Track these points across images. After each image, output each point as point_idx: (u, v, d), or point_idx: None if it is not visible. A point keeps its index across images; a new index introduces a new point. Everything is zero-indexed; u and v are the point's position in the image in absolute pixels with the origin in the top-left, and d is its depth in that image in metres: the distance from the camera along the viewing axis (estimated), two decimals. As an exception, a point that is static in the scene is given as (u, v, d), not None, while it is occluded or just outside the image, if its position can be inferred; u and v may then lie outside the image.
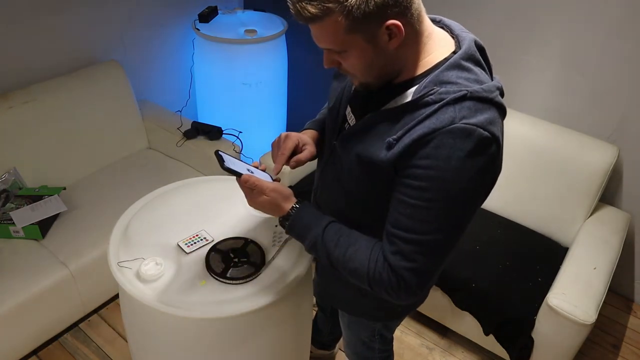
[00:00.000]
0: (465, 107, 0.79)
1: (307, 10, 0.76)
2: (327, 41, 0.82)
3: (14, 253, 1.83)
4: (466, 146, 0.79)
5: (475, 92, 0.81)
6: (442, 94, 0.81)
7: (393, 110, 0.87)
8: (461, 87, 0.81)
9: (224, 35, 2.42)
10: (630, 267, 2.26)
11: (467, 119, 0.79)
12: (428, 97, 0.81)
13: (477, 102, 0.80)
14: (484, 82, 0.84)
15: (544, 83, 2.14)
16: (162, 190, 1.51)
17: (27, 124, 2.02)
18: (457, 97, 0.80)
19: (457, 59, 0.85)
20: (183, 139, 2.34)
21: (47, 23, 2.11)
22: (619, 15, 1.86)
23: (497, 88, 0.85)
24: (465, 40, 0.88)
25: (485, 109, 0.81)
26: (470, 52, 0.86)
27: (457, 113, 0.79)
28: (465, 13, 2.19)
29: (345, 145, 0.95)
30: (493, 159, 0.82)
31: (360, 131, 0.92)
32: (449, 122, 0.79)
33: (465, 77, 0.83)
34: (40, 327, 1.82)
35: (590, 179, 1.95)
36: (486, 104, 0.82)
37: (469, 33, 0.91)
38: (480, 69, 0.87)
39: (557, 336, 1.68)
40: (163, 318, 1.17)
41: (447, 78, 0.83)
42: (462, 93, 0.80)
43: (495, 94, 0.84)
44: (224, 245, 1.30)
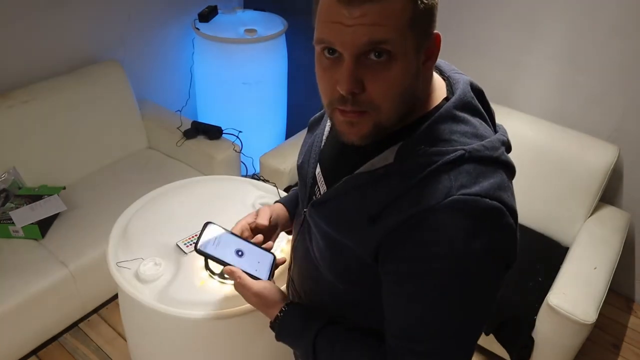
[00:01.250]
0: (463, 172, 0.62)
1: None
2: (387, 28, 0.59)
3: (13, 253, 1.82)
4: (469, 225, 0.60)
5: (474, 151, 0.63)
6: (433, 155, 0.63)
7: (371, 174, 0.68)
8: (456, 145, 0.64)
9: (224, 34, 2.42)
10: (630, 267, 2.25)
11: (467, 188, 0.61)
12: (415, 159, 0.64)
13: (479, 164, 0.63)
14: (485, 136, 0.67)
15: (544, 83, 2.14)
16: (162, 190, 1.51)
17: (27, 123, 2.02)
18: (452, 160, 0.62)
19: (449, 108, 0.67)
20: (183, 139, 2.34)
21: (47, 23, 2.11)
22: (619, 15, 1.85)
23: (501, 143, 0.68)
24: (458, 83, 0.71)
25: (489, 172, 0.63)
26: (466, 98, 0.69)
27: (454, 181, 0.61)
28: (465, 13, 2.19)
29: (314, 218, 0.76)
30: (509, 231, 0.64)
31: (330, 200, 0.73)
32: (444, 195, 0.61)
33: (460, 132, 0.66)
34: (40, 326, 1.82)
35: (591, 178, 1.95)
36: (490, 166, 0.64)
37: (463, 74, 0.74)
38: (478, 119, 0.70)
39: (558, 336, 1.67)
40: (162, 318, 1.17)
41: (439, 134, 0.65)
42: (459, 154, 0.62)
43: (501, 151, 0.67)
44: (223, 245, 1.30)
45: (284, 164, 2.22)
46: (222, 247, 0.88)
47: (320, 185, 0.80)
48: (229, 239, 0.89)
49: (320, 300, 0.85)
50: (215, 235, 0.89)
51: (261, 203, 1.45)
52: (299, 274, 0.89)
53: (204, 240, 0.88)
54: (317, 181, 0.82)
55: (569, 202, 2.00)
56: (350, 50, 0.60)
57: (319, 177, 0.81)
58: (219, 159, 2.27)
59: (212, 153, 2.27)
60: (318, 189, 0.81)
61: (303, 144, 0.90)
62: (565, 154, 1.98)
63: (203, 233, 0.88)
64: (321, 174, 0.81)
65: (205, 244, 0.87)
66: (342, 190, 0.72)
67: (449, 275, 0.62)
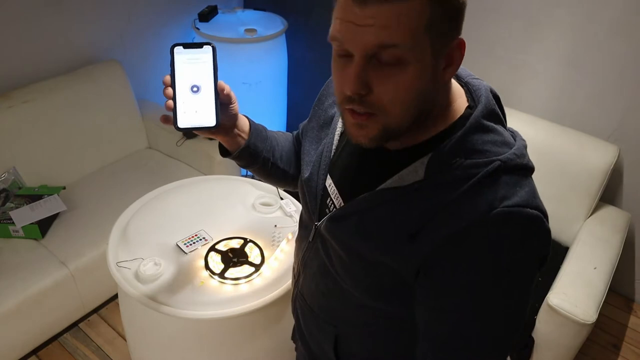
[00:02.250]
0: (502, 183, 0.62)
1: None
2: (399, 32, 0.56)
3: (13, 253, 1.82)
4: (515, 235, 0.61)
5: (509, 160, 0.63)
6: (470, 167, 0.62)
7: (400, 190, 0.66)
8: (490, 155, 0.63)
9: (224, 34, 2.42)
10: (630, 267, 2.25)
11: (509, 199, 0.61)
12: (451, 172, 0.62)
13: (513, 173, 0.63)
14: (512, 144, 0.67)
15: (544, 83, 2.14)
16: (162, 190, 1.51)
17: (26, 123, 2.02)
18: (490, 172, 0.62)
19: (478, 118, 0.65)
20: (183, 139, 2.34)
21: (47, 23, 2.11)
22: (619, 15, 1.85)
23: (525, 147, 0.69)
24: (480, 90, 0.69)
25: (523, 181, 0.64)
26: (491, 106, 0.68)
27: (495, 194, 0.61)
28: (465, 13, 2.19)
29: (334, 233, 0.73)
30: (547, 236, 0.65)
31: (354, 215, 0.70)
32: (488, 209, 0.60)
33: (491, 141, 0.65)
34: (40, 326, 1.82)
35: (591, 178, 1.95)
36: (522, 173, 0.65)
37: (481, 80, 0.72)
38: (501, 126, 0.69)
39: (558, 336, 1.67)
40: (162, 318, 1.17)
41: (472, 145, 0.64)
42: (495, 165, 0.62)
43: (527, 157, 0.68)
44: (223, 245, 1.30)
45: (284, 164, 2.22)
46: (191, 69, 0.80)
47: (334, 198, 0.77)
48: (205, 71, 0.81)
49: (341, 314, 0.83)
50: (199, 57, 0.81)
51: (261, 203, 1.45)
52: (314, 290, 0.86)
53: (186, 49, 0.80)
54: (328, 193, 0.78)
55: (569, 201, 2.00)
56: (359, 51, 0.58)
57: (332, 189, 0.78)
58: (219, 159, 2.26)
59: (212, 153, 2.27)
60: (331, 201, 0.78)
61: (305, 153, 0.86)
62: (565, 154, 1.98)
63: (196, 45, 0.81)
64: (334, 186, 0.78)
65: (183, 50, 0.80)
66: (367, 205, 0.69)
67: (498, 286, 0.62)
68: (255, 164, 0.91)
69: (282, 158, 0.95)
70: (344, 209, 0.72)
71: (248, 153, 0.89)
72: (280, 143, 0.96)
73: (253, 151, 0.89)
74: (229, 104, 0.85)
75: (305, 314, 0.91)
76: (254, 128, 0.90)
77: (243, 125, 0.89)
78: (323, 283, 0.82)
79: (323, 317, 0.86)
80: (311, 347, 0.94)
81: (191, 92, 0.80)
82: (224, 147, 0.89)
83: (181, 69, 0.80)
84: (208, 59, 0.81)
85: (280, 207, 1.46)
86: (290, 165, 0.96)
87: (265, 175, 0.95)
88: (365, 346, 0.84)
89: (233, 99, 0.85)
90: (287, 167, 0.95)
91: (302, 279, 0.89)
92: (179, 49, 0.80)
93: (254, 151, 0.89)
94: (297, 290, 0.93)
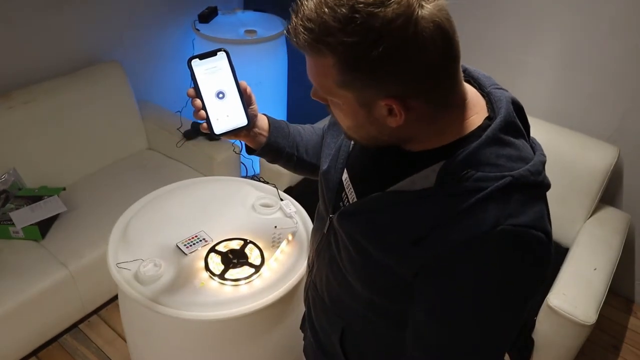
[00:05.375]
0: (511, 200, 0.61)
1: (300, 37, 0.60)
2: (315, 81, 0.65)
3: (13, 254, 1.82)
4: (517, 255, 0.61)
5: (521, 177, 0.62)
6: (480, 180, 0.61)
7: (410, 194, 0.66)
8: (503, 170, 0.62)
9: (224, 35, 2.42)
10: (630, 268, 2.25)
11: (515, 218, 0.60)
12: (460, 184, 0.62)
13: (525, 191, 0.62)
14: (529, 159, 0.65)
15: (544, 83, 2.14)
16: (162, 191, 1.51)
17: (27, 124, 2.02)
18: (500, 187, 0.61)
19: (495, 131, 0.64)
20: (183, 140, 2.34)
21: (47, 23, 2.11)
22: (619, 15, 1.85)
23: (542, 164, 0.67)
24: (501, 101, 0.68)
25: (534, 200, 0.64)
26: (510, 119, 0.66)
27: (502, 211, 0.60)
28: (465, 13, 2.19)
29: (344, 227, 0.75)
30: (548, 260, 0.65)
31: (364, 212, 0.72)
32: (493, 225, 0.60)
33: (506, 156, 0.64)
34: (40, 327, 1.82)
35: (591, 179, 1.95)
36: (535, 192, 0.64)
37: (504, 90, 0.71)
38: (522, 140, 0.68)
39: (558, 337, 1.67)
40: (162, 319, 1.17)
41: (485, 158, 0.63)
42: (507, 181, 0.61)
43: (543, 175, 0.66)
44: (223, 246, 1.30)
45: (284, 165, 2.22)
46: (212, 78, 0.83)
47: (348, 192, 0.79)
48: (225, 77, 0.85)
49: (348, 307, 0.84)
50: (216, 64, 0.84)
51: (261, 204, 1.46)
52: (325, 281, 0.88)
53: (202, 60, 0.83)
54: (344, 187, 0.80)
55: (568, 202, 2.00)
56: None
57: (347, 184, 0.79)
58: (219, 159, 2.27)
59: (212, 154, 2.27)
60: (346, 195, 0.79)
61: (325, 146, 0.88)
62: (565, 155, 1.98)
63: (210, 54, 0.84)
64: (349, 180, 0.79)
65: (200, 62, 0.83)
66: (377, 205, 0.70)
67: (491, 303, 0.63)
68: (280, 159, 0.98)
69: (308, 152, 1.00)
70: (354, 206, 0.75)
71: (270, 150, 0.95)
72: (305, 138, 1.01)
73: (275, 148, 0.95)
74: (249, 105, 0.90)
75: (316, 304, 0.93)
76: (274, 126, 0.96)
77: (263, 124, 0.94)
78: (332, 274, 0.84)
79: (332, 308, 0.88)
80: (319, 337, 0.96)
81: (217, 99, 0.84)
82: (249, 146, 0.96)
83: (203, 80, 0.83)
84: (225, 65, 0.85)
85: (280, 208, 1.46)
86: (317, 158, 0.99)
87: (293, 168, 1.02)
88: (370, 342, 0.85)
89: (253, 100, 0.91)
90: (314, 160, 1.00)
91: (316, 269, 0.92)
92: (196, 61, 0.83)
93: (275, 148, 0.95)
94: (310, 279, 0.96)
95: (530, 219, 0.61)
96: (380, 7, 0.55)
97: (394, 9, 0.54)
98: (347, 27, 0.56)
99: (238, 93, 0.86)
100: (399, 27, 0.54)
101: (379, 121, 0.63)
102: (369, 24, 0.55)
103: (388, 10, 0.54)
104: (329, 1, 0.57)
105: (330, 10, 0.56)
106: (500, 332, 0.66)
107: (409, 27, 0.55)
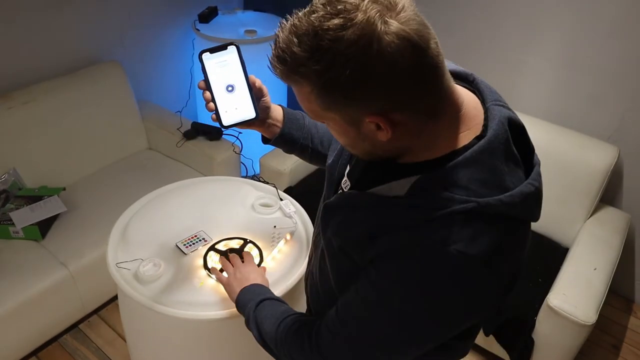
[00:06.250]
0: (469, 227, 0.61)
1: (277, 70, 0.63)
2: (303, 107, 0.67)
3: (13, 254, 1.83)
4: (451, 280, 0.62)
5: (489, 206, 0.61)
6: (446, 200, 0.61)
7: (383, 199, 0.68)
8: (471, 195, 0.61)
9: (224, 35, 2.42)
10: (630, 268, 2.25)
11: (464, 246, 0.60)
12: (426, 200, 0.63)
13: (487, 222, 0.61)
14: (509, 188, 0.63)
15: (544, 83, 2.14)
16: (162, 191, 1.51)
17: (27, 124, 2.02)
18: (461, 211, 0.60)
19: (476, 153, 0.62)
20: (183, 140, 2.34)
21: (47, 23, 2.11)
22: (619, 15, 1.85)
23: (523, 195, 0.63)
24: (493, 121, 0.65)
25: (494, 231, 0.62)
26: (497, 142, 0.64)
27: (456, 234, 0.60)
28: (465, 13, 2.19)
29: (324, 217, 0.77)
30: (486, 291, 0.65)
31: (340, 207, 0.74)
32: (442, 243, 0.61)
33: (480, 180, 0.62)
34: (40, 327, 1.82)
35: (591, 179, 1.95)
36: (500, 223, 0.62)
37: (504, 107, 0.68)
38: (512, 164, 0.66)
39: (558, 337, 1.67)
40: (162, 319, 1.17)
41: (456, 179, 0.62)
42: (469, 206, 0.60)
43: (518, 210, 0.63)
44: (223, 245, 1.30)
45: (284, 165, 2.22)
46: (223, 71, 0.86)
47: (344, 187, 0.82)
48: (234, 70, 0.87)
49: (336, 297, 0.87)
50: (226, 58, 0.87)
51: (261, 204, 1.46)
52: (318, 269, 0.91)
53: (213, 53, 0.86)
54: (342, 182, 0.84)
55: (568, 202, 2.00)
56: None
57: (344, 180, 0.83)
58: (219, 159, 2.27)
59: (212, 154, 2.27)
60: (342, 189, 0.83)
61: (334, 140, 0.90)
62: (565, 155, 1.98)
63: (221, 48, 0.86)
64: (347, 177, 0.82)
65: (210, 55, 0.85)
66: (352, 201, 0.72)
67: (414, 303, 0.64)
68: (294, 149, 1.01)
69: (324, 144, 1.03)
70: (334, 200, 0.76)
71: (283, 140, 0.98)
72: (321, 130, 1.03)
73: (289, 139, 0.98)
74: (261, 97, 0.93)
75: (312, 293, 0.95)
76: (288, 118, 0.98)
77: (277, 114, 0.98)
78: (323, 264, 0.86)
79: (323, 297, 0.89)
80: None
81: (227, 92, 0.87)
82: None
83: (213, 73, 0.86)
84: (234, 59, 0.88)
85: (279, 208, 1.46)
86: None
87: (308, 159, 1.05)
88: None
89: (264, 92, 0.93)
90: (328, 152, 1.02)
91: (314, 258, 0.94)
92: (206, 55, 0.86)
93: (289, 139, 0.98)
94: (309, 268, 0.98)
95: (480, 252, 0.61)
96: (342, 31, 0.56)
97: (353, 31, 0.55)
98: (315, 55, 0.57)
99: (247, 86, 0.88)
100: (362, 47, 0.55)
101: (370, 137, 0.65)
102: (334, 49, 0.56)
103: (349, 32, 0.55)
104: (298, 29, 0.59)
105: (298, 40, 0.59)
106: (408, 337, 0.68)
107: (372, 45, 0.55)
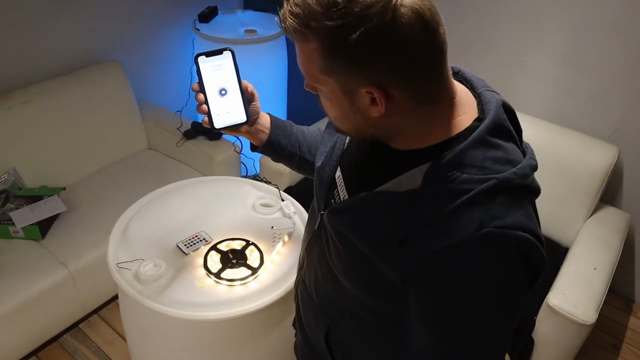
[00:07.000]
0: (496, 202, 0.61)
1: (287, 22, 0.61)
2: (302, 68, 0.66)
3: (13, 253, 1.82)
4: (503, 257, 0.61)
5: (507, 180, 0.62)
6: (465, 183, 0.61)
7: (396, 195, 0.66)
8: (489, 172, 0.62)
9: (224, 35, 2.42)
10: (630, 267, 2.25)
11: (500, 220, 0.60)
12: (445, 187, 0.62)
13: (511, 193, 0.62)
14: (517, 161, 0.65)
15: (544, 83, 2.14)
16: (162, 191, 1.51)
17: (26, 124, 2.02)
18: (484, 190, 0.61)
19: (483, 133, 0.64)
20: (183, 139, 2.34)
21: (47, 23, 2.11)
22: (619, 15, 1.85)
23: (531, 168, 0.66)
24: (491, 104, 0.67)
25: (520, 203, 0.63)
26: (500, 121, 0.66)
27: (486, 213, 0.60)
28: (465, 13, 2.19)
29: (333, 224, 0.75)
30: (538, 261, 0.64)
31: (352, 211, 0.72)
32: (477, 228, 0.60)
33: (493, 158, 0.63)
34: (40, 327, 1.82)
35: (591, 179, 1.95)
36: (521, 194, 0.64)
37: (495, 93, 0.71)
38: (511, 143, 0.68)
39: (558, 336, 1.67)
40: (162, 319, 1.17)
41: (471, 160, 0.62)
42: (491, 183, 0.61)
43: (531, 178, 0.66)
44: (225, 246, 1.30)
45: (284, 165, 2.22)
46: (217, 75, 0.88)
47: (340, 190, 0.79)
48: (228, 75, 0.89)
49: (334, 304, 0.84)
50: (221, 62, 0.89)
51: (261, 204, 1.46)
52: (314, 277, 0.88)
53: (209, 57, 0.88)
54: (336, 184, 0.81)
55: (568, 202, 2.00)
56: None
57: (339, 181, 0.80)
58: (219, 159, 2.27)
59: (212, 154, 2.27)
60: (337, 193, 0.80)
61: (322, 143, 0.89)
62: (565, 155, 1.98)
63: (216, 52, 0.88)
64: (342, 178, 0.80)
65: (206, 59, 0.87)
66: (363, 204, 0.70)
67: (480, 305, 0.63)
68: (282, 157, 1.01)
69: (311, 152, 1.02)
70: (343, 204, 0.75)
71: (271, 147, 0.98)
72: (309, 138, 1.03)
73: (276, 146, 0.98)
74: (251, 102, 0.93)
75: (304, 300, 0.94)
76: (276, 125, 0.98)
77: (264, 121, 0.97)
78: (321, 271, 0.84)
79: (319, 305, 0.88)
80: (307, 334, 0.96)
81: (220, 95, 0.88)
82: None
83: (208, 76, 0.88)
84: (229, 63, 0.89)
85: (280, 209, 1.46)
86: None
87: (296, 167, 1.04)
88: (354, 340, 0.86)
89: (255, 97, 0.94)
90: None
91: (305, 265, 0.92)
92: (202, 58, 0.87)
93: (277, 146, 0.98)
94: (300, 276, 0.96)
95: (516, 220, 0.61)
96: None
97: None
98: (329, 12, 0.57)
99: (240, 91, 0.89)
100: (377, 12, 0.56)
101: (362, 110, 0.64)
102: (349, 8, 0.57)
103: None
104: None
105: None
106: (493, 334, 0.66)
107: (387, 13, 0.56)
